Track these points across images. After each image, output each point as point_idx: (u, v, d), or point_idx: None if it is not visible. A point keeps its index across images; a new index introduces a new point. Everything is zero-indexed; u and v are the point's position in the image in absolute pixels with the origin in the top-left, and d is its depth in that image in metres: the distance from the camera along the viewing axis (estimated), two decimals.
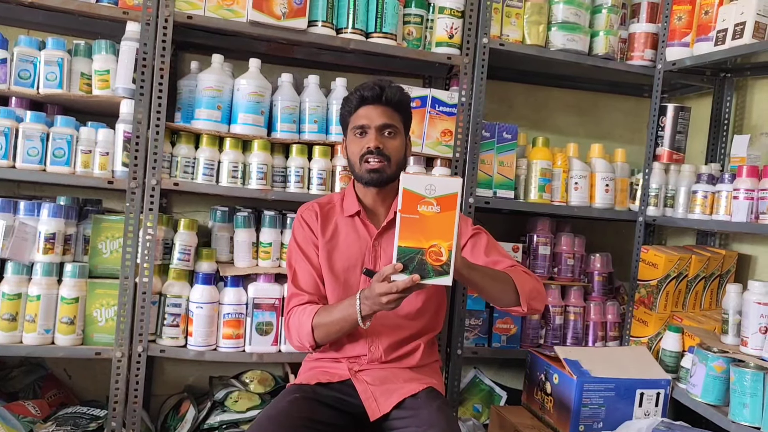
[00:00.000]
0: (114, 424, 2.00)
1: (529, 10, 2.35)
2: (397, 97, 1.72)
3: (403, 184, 1.40)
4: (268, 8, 2.05)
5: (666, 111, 2.40)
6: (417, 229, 1.39)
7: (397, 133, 1.71)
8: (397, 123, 1.72)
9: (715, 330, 2.17)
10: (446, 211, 1.40)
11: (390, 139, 1.70)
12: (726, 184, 2.14)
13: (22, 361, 2.27)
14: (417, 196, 1.39)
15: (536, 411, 2.20)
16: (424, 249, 1.40)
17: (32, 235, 1.95)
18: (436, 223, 1.40)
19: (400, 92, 1.74)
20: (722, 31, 2.16)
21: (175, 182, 2.06)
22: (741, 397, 1.82)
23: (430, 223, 1.40)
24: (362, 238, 1.75)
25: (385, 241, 1.73)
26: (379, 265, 1.72)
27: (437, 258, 1.40)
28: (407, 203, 1.39)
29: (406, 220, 1.40)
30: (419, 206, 1.39)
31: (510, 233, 2.52)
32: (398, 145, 1.71)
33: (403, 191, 1.39)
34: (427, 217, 1.40)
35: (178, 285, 2.08)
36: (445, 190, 1.40)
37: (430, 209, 1.40)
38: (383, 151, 1.68)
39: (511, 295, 1.63)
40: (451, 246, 1.40)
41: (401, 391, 1.62)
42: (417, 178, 1.41)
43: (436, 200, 1.39)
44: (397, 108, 1.72)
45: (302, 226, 1.78)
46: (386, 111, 1.70)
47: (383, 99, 1.69)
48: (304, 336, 1.65)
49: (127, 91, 2.01)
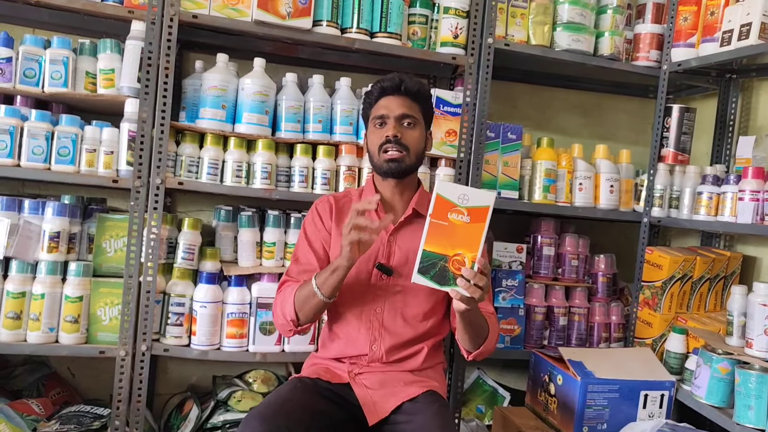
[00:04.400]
0: (117, 423, 2.00)
1: (534, 10, 2.34)
2: (416, 88, 1.73)
3: (438, 190, 1.42)
4: (273, 8, 2.05)
5: (671, 112, 2.40)
6: (444, 235, 1.42)
7: (416, 123, 1.72)
8: (417, 114, 1.72)
9: (719, 332, 2.17)
10: (476, 222, 1.41)
11: (409, 129, 1.70)
12: (731, 185, 2.13)
13: (26, 359, 2.28)
14: (449, 203, 1.42)
15: (540, 412, 2.19)
16: (448, 256, 1.42)
17: (37, 233, 1.96)
18: (464, 232, 1.41)
19: (420, 84, 1.75)
20: (728, 31, 2.16)
21: (180, 181, 2.06)
22: (746, 399, 1.82)
23: (458, 232, 1.41)
24: None
25: (401, 237, 1.73)
26: (392, 260, 1.71)
27: (459, 267, 1.42)
28: (438, 209, 1.42)
29: (435, 225, 1.42)
30: (450, 214, 1.42)
31: (514, 234, 2.52)
32: (417, 136, 1.72)
33: (436, 197, 1.42)
34: (456, 226, 1.42)
35: (182, 284, 2.08)
36: (478, 201, 1.42)
37: (460, 218, 1.42)
38: (401, 140, 1.68)
39: (474, 342, 1.65)
40: (475, 257, 1.41)
41: (400, 394, 1.62)
42: (452, 186, 1.43)
43: (467, 210, 1.41)
44: (416, 99, 1.73)
45: (314, 217, 1.79)
46: (405, 101, 1.71)
47: (402, 89, 1.71)
48: (287, 309, 1.65)
49: (131, 90, 2.02)
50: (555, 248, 2.47)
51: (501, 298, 2.36)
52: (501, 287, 2.36)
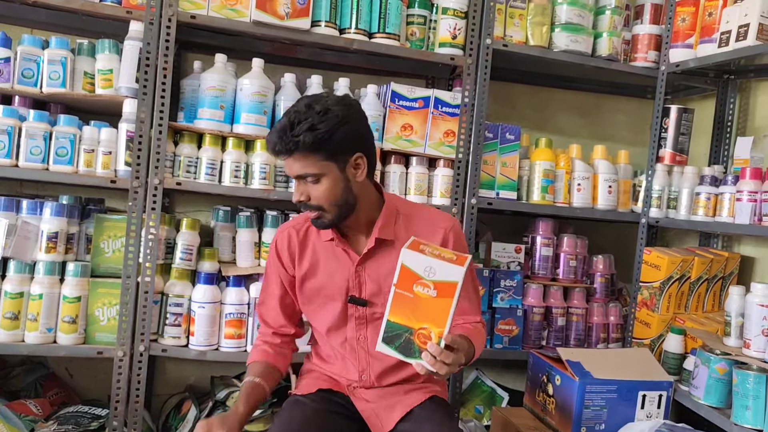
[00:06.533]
0: (115, 424, 2.00)
1: (533, 11, 2.35)
2: (303, 141, 1.40)
3: (402, 259, 1.31)
4: (271, 8, 2.05)
5: (669, 113, 2.40)
6: (409, 307, 1.31)
7: (320, 176, 1.45)
8: (317, 165, 1.44)
9: (717, 332, 2.17)
10: (443, 297, 1.29)
11: (314, 185, 1.47)
12: (729, 185, 2.14)
13: (23, 359, 2.27)
14: (415, 275, 1.30)
15: (538, 412, 2.19)
16: (414, 329, 1.31)
17: (35, 234, 1.95)
18: (430, 306, 1.30)
19: (307, 132, 1.40)
20: (726, 32, 2.16)
21: (178, 182, 2.06)
22: (743, 400, 1.82)
23: (424, 305, 1.30)
24: (344, 264, 1.59)
25: (369, 266, 1.58)
26: (365, 291, 1.58)
27: (425, 341, 1.31)
28: (403, 279, 1.31)
29: (399, 296, 1.31)
30: (415, 286, 1.30)
31: (512, 234, 2.52)
32: (326, 189, 1.46)
33: (401, 266, 1.31)
34: (422, 299, 1.30)
35: (180, 284, 2.08)
36: (445, 276, 1.30)
37: (426, 291, 1.30)
38: (309, 203, 1.49)
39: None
40: (442, 333, 1.30)
41: (404, 403, 1.58)
42: (418, 257, 1.31)
43: (434, 284, 1.30)
44: (311, 149, 1.42)
45: (274, 256, 1.66)
46: (298, 159, 1.44)
47: (286, 150, 1.43)
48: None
49: (130, 91, 2.01)
50: (553, 249, 2.47)
51: (499, 298, 2.36)
52: (499, 287, 2.36)
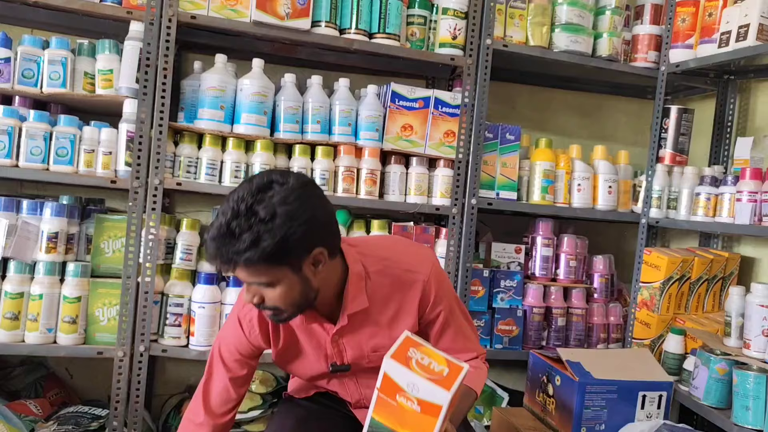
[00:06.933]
0: (115, 424, 2.00)
1: (533, 11, 2.35)
2: (247, 258, 1.22)
3: (385, 368, 1.20)
4: (271, 8, 2.05)
5: (669, 113, 2.40)
6: (393, 414, 1.21)
7: (275, 281, 1.29)
8: (267, 276, 1.28)
9: (717, 332, 2.17)
10: (427, 414, 1.17)
11: (269, 289, 1.30)
12: (729, 186, 2.14)
13: (23, 360, 2.27)
14: (397, 386, 1.19)
15: (538, 413, 2.19)
16: None
17: (35, 234, 1.95)
18: (413, 419, 1.19)
19: (251, 250, 1.21)
20: (726, 33, 2.16)
21: (178, 182, 2.06)
22: (744, 400, 1.82)
23: (408, 416, 1.19)
24: (320, 335, 1.47)
25: (346, 338, 1.46)
26: (346, 357, 1.47)
27: None
28: (386, 387, 1.20)
29: (382, 400, 1.21)
30: (398, 396, 1.20)
31: (512, 234, 2.52)
32: (281, 293, 1.30)
33: (383, 374, 1.20)
34: (406, 410, 1.19)
35: (181, 285, 2.08)
36: (429, 396, 1.17)
37: (410, 405, 1.19)
38: (265, 305, 1.33)
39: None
40: None
41: None
42: (401, 371, 1.19)
43: (417, 400, 1.18)
44: (260, 262, 1.24)
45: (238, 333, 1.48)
46: (242, 270, 1.27)
47: (227, 263, 1.25)
48: None
49: (130, 91, 2.01)
50: (553, 249, 2.47)
51: (499, 298, 2.37)
52: (499, 288, 2.37)
